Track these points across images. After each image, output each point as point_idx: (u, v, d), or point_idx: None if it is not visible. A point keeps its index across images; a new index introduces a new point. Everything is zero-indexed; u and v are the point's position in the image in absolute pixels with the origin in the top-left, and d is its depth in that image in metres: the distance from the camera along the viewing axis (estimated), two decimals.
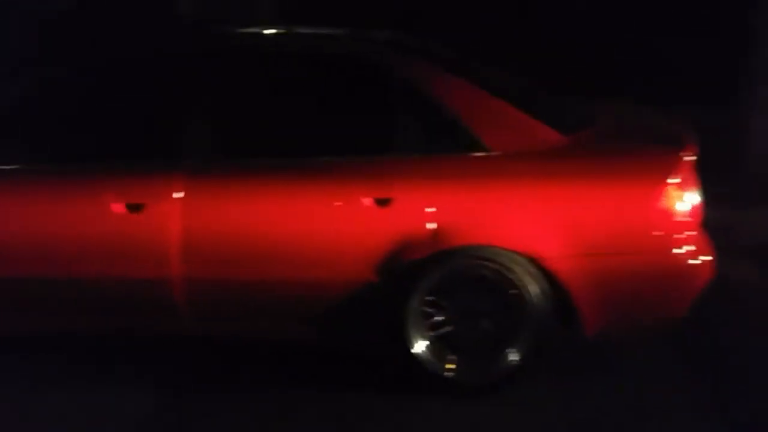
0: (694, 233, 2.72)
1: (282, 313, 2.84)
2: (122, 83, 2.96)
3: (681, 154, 2.73)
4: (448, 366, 2.79)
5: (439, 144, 2.80)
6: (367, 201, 2.69)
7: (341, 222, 2.71)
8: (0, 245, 2.78)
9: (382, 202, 2.69)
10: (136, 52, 3.06)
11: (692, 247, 2.69)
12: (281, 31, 3.29)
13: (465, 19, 6.01)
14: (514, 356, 2.76)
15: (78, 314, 2.90)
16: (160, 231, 2.73)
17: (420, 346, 2.78)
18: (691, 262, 2.69)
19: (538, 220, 2.66)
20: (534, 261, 2.66)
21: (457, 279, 2.75)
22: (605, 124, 3.03)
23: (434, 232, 2.68)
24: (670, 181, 2.65)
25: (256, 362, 3.07)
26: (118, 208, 2.73)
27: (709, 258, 2.75)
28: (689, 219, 2.69)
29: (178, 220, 2.72)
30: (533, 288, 2.67)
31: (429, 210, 2.68)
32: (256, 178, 2.77)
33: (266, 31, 3.22)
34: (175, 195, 2.72)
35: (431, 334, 2.80)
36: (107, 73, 3.01)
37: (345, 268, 2.73)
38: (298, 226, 2.72)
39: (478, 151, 2.75)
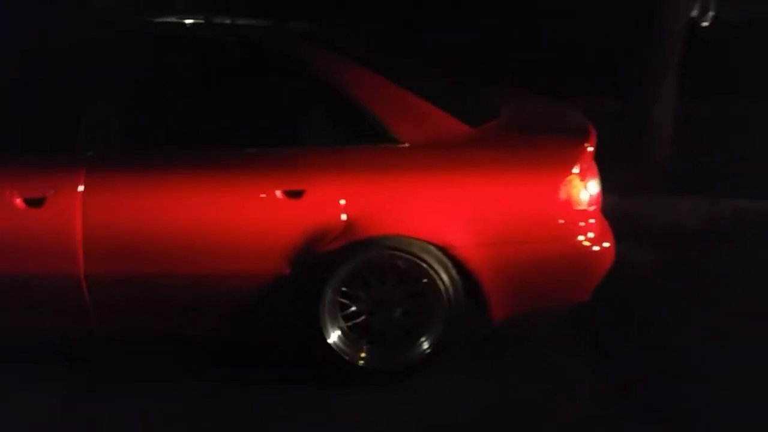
0: (595, 221, 2.85)
1: (190, 309, 2.79)
2: (22, 72, 2.84)
3: (583, 144, 2.85)
4: (361, 354, 2.81)
5: (350, 136, 2.82)
6: (279, 193, 2.68)
7: (252, 214, 2.69)
8: None
9: (293, 194, 2.68)
10: (39, 41, 2.93)
11: (593, 235, 2.81)
12: (191, 21, 3.22)
13: None
14: (426, 344, 2.81)
15: None
16: (62, 226, 2.63)
17: (334, 336, 2.80)
18: (593, 248, 2.81)
19: (447, 210, 2.72)
20: (444, 250, 2.71)
21: (370, 269, 2.78)
22: (510, 116, 3.12)
23: (346, 223, 2.69)
24: (572, 171, 2.75)
25: (169, 358, 3.01)
26: (17, 202, 2.61)
27: (610, 244, 2.88)
28: (590, 207, 2.81)
29: (80, 214, 2.63)
30: (444, 277, 2.73)
31: (341, 201, 2.69)
32: (161, 170, 2.71)
33: (173, 21, 3.14)
34: (77, 188, 2.62)
35: (345, 324, 2.82)
36: (6, 62, 2.86)
37: (256, 261, 2.71)
38: (206, 220, 2.68)
39: (389, 143, 2.78)
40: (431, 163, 2.76)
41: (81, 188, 2.63)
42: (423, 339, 2.82)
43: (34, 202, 2.62)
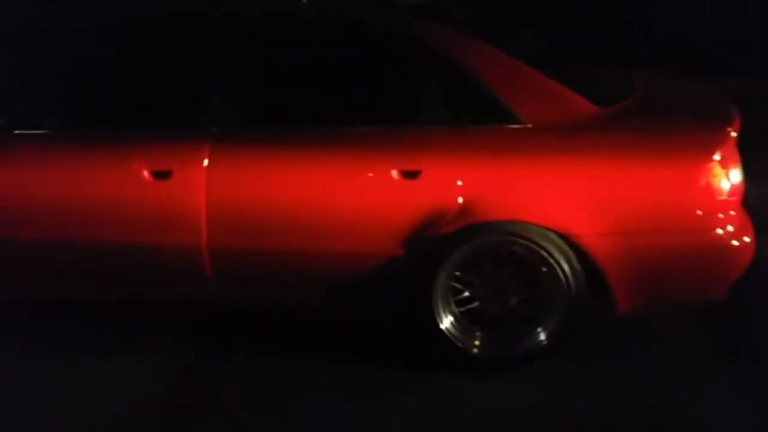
0: (735, 213, 2.61)
1: (305, 284, 2.81)
2: (151, 48, 2.92)
3: (725, 129, 2.61)
4: (474, 342, 2.74)
5: (469, 115, 2.71)
6: (395, 173, 2.63)
7: (367, 194, 2.65)
8: (30, 209, 2.78)
9: (409, 174, 2.62)
10: (165, 15, 3.00)
11: (733, 228, 2.58)
12: None
13: None
14: (543, 335, 2.69)
15: (104, 281, 2.90)
16: (187, 198, 2.70)
17: (447, 321, 2.74)
18: (732, 242, 2.58)
19: (572, 196, 2.57)
20: (567, 238, 2.58)
21: (485, 254, 2.69)
22: (643, 97, 2.91)
23: (463, 205, 2.61)
24: (713, 157, 2.53)
25: (278, 333, 3.06)
26: (145, 174, 2.70)
27: (750, 239, 2.64)
28: (731, 198, 2.58)
29: (204, 187, 2.69)
30: (565, 266, 2.59)
31: (458, 183, 2.61)
32: (281, 147, 2.72)
33: None
34: (202, 162, 2.68)
35: (458, 309, 2.75)
36: (136, 37, 2.96)
37: (371, 240, 2.68)
38: (324, 197, 2.68)
39: (510, 123, 2.66)
40: (556, 146, 2.61)
41: (206, 163, 2.69)
42: (540, 329, 2.70)
43: (161, 175, 2.70)
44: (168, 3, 3.04)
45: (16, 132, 2.80)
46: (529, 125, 2.64)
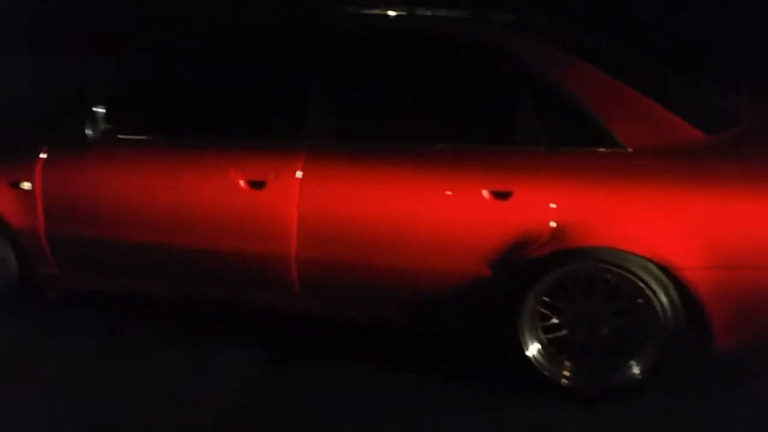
0: None
1: (390, 299, 2.79)
2: (250, 59, 2.98)
3: None
4: (563, 372, 2.64)
5: (565, 136, 2.63)
6: (486, 193, 2.58)
7: (457, 212, 2.62)
8: (130, 211, 2.88)
9: (501, 195, 2.57)
10: (263, 28, 3.07)
11: None
12: (402, 12, 3.21)
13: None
14: (636, 368, 2.58)
15: (196, 283, 2.98)
16: (279, 209, 2.74)
17: (533, 349, 2.66)
18: None
19: (673, 226, 2.45)
20: (666, 269, 2.46)
21: (577, 281, 2.60)
22: (755, 124, 2.76)
23: (555, 230, 2.53)
24: None
25: (362, 345, 3.05)
26: (241, 184, 2.76)
27: None
28: None
29: (297, 199, 2.72)
30: (663, 298, 2.47)
31: (551, 206, 2.53)
32: (374, 162, 2.72)
33: (389, 13, 3.14)
34: (296, 174, 2.72)
35: (546, 336, 2.67)
36: (236, 48, 3.04)
37: (458, 260, 2.64)
38: (414, 214, 2.65)
39: (609, 146, 2.57)
40: (658, 172, 2.50)
41: (299, 174, 2.72)
42: (633, 362, 2.58)
43: (256, 185, 2.75)
44: (270, 16, 3.10)
45: (120, 137, 2.91)
46: (630, 149, 2.55)
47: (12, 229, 3.00)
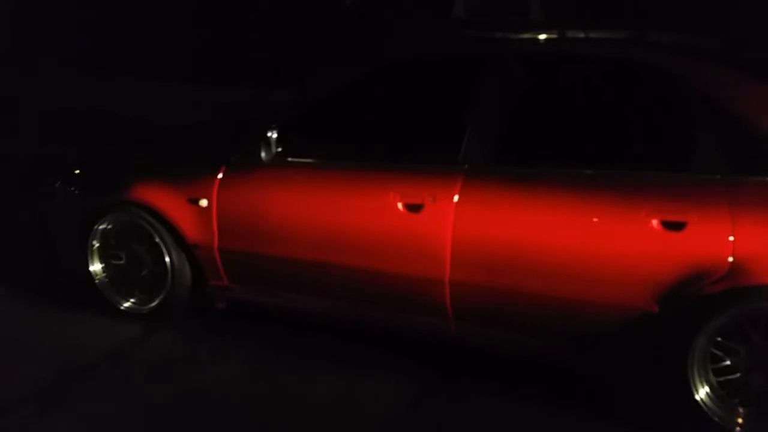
0: None
1: (545, 329, 2.73)
2: (408, 84, 3.06)
3: None
4: (736, 419, 2.45)
5: (746, 164, 2.47)
6: (656, 222, 2.46)
7: (623, 242, 2.51)
8: (292, 229, 3.02)
9: (673, 226, 2.44)
10: (420, 55, 3.13)
11: None
12: (556, 35, 3.16)
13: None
14: None
15: (348, 302, 3.06)
16: (435, 232, 2.76)
17: (703, 392, 2.48)
18: None
19: None
20: None
21: (754, 321, 2.41)
22: None
23: (732, 264, 2.36)
24: None
25: (520, 374, 2.99)
26: (399, 207, 2.82)
27: None
28: None
29: (452, 222, 2.74)
30: None
31: (729, 239, 2.37)
32: (533, 187, 2.68)
33: (543, 36, 3.12)
34: (452, 198, 2.74)
35: (717, 379, 2.48)
36: (393, 74, 3.12)
37: (622, 292, 2.54)
38: (575, 241, 2.58)
39: None
40: None
41: (456, 198, 2.74)
42: None
43: (413, 208, 2.80)
44: (425, 43, 3.18)
45: (290, 160, 3.08)
46: None
47: (188, 242, 3.25)
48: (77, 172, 3.66)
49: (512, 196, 2.70)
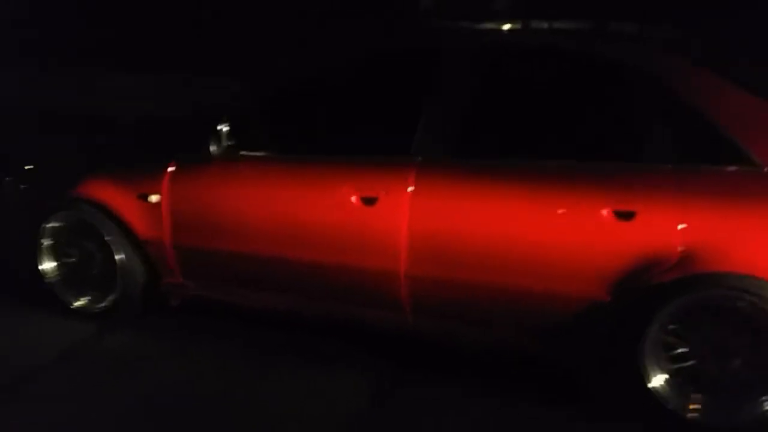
0: None
1: (501, 321, 2.72)
2: (362, 76, 3.01)
3: None
4: (690, 405, 2.46)
5: (695, 154, 2.47)
6: (606, 212, 2.46)
7: (575, 232, 2.51)
8: (245, 224, 2.96)
9: (623, 215, 2.44)
10: (376, 47, 3.09)
11: None
12: (518, 27, 3.14)
13: None
14: None
15: (305, 297, 3.03)
16: (390, 225, 2.73)
17: (658, 380, 2.49)
18: None
19: None
20: None
21: (705, 309, 2.42)
22: None
23: (683, 253, 2.37)
24: None
25: (471, 366, 2.98)
26: (353, 200, 2.78)
27: None
28: None
29: (407, 215, 2.71)
30: None
31: (678, 227, 2.38)
32: (486, 179, 2.66)
33: (504, 27, 3.09)
34: (406, 190, 2.71)
35: (671, 367, 2.50)
36: (349, 67, 3.08)
37: (575, 282, 2.53)
38: (528, 233, 2.57)
39: (745, 165, 2.38)
40: None
41: (410, 191, 2.71)
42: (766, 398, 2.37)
43: (368, 201, 2.76)
44: (381, 37, 3.14)
45: (242, 153, 3.02)
46: (767, 169, 2.35)
47: (139, 239, 3.17)
48: (28, 168, 3.55)
49: (466, 189, 2.67)
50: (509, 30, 3.10)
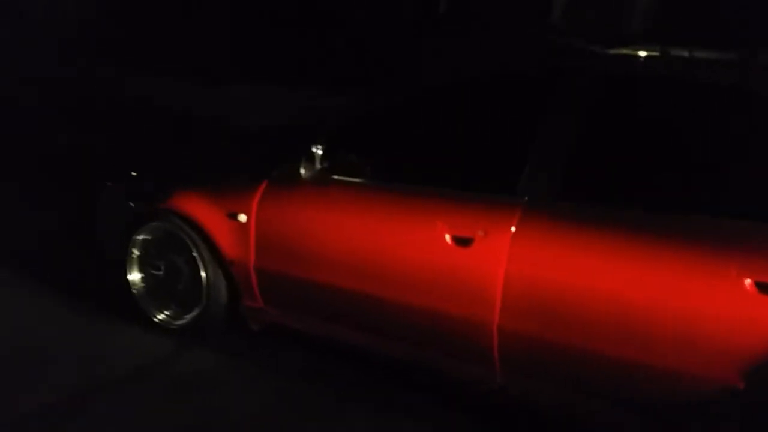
0: None
1: (608, 396, 2.36)
2: (468, 101, 2.74)
3: None
4: None
5: None
6: (749, 282, 2.04)
7: (705, 302, 2.11)
8: (329, 253, 2.77)
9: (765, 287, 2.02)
10: (484, 71, 2.81)
11: None
12: (655, 54, 2.74)
13: None
14: None
15: (386, 337, 2.79)
16: (485, 270, 2.44)
17: None
18: None
19: None
20: None
21: None
22: None
23: None
24: None
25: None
26: (447, 238, 2.51)
27: None
28: None
29: (505, 261, 2.40)
30: None
31: None
32: (604, 229, 2.31)
33: (640, 54, 2.70)
34: (508, 233, 2.40)
35: None
36: (453, 89, 2.82)
37: (700, 360, 2.13)
38: (647, 296, 2.20)
39: None
40: None
41: (511, 235, 2.40)
42: None
43: (462, 241, 2.48)
44: (491, 64, 2.86)
45: (334, 178, 2.82)
46: None
47: (225, 258, 3.05)
48: (133, 174, 3.54)
49: (577, 238, 2.33)
50: (645, 57, 2.72)
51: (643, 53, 2.69)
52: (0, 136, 6.42)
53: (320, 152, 2.78)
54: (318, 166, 2.81)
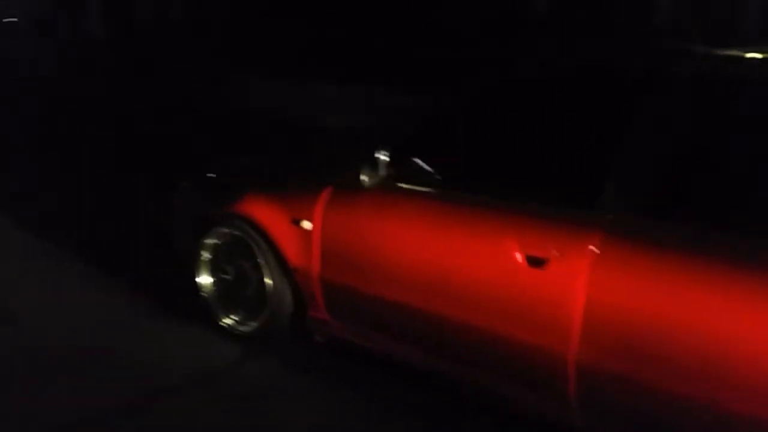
0: None
1: None
2: (544, 101, 2.48)
3: None
4: None
5: None
6: None
7: None
8: (395, 267, 2.58)
9: None
10: (569, 66, 2.54)
11: None
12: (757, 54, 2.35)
13: None
14: None
15: (448, 357, 2.58)
16: (560, 295, 2.18)
17: None
18: None
19: None
20: None
21: None
22: None
23: None
24: None
25: None
26: (518, 257, 2.27)
27: None
28: None
29: (585, 286, 2.13)
30: None
31: None
32: (702, 254, 1.99)
33: (747, 55, 2.32)
34: (587, 256, 2.13)
35: None
36: (531, 88, 2.57)
37: None
38: (754, 334, 1.87)
39: None
40: None
41: (592, 257, 2.12)
42: None
43: (535, 261, 2.23)
44: (566, 60, 2.56)
45: (399, 185, 2.63)
46: None
47: (289, 265, 2.93)
48: (209, 175, 3.50)
49: (670, 263, 2.03)
50: (761, 59, 2.34)
51: (757, 55, 2.32)
52: None
53: (386, 158, 2.60)
54: (382, 173, 2.62)
